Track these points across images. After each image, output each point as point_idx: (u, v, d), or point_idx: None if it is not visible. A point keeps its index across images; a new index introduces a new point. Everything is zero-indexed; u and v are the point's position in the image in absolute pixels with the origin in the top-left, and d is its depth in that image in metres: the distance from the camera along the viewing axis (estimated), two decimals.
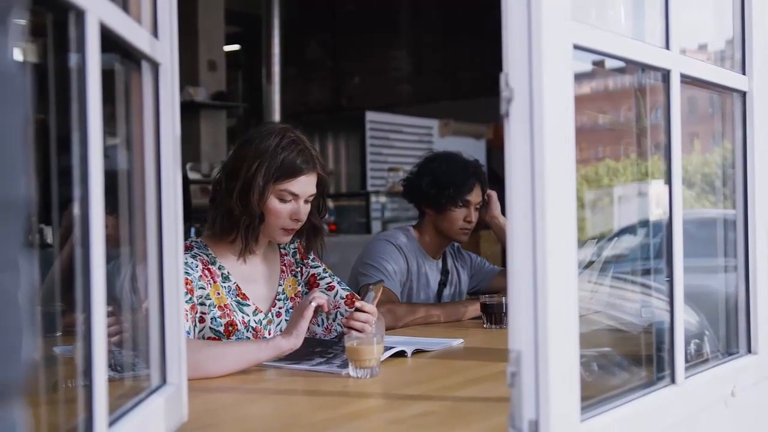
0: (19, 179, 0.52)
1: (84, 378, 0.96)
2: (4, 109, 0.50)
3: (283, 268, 2.25)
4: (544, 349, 1.09)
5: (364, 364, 1.77)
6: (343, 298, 2.24)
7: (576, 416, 1.15)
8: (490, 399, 1.59)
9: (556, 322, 1.10)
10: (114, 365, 1.24)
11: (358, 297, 2.24)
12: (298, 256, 2.29)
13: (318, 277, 2.27)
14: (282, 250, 2.27)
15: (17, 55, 0.54)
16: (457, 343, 2.24)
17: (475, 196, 2.88)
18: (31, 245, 0.54)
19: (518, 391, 1.11)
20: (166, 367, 1.30)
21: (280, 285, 2.22)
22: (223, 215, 2.08)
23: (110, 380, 1.00)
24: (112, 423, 1.03)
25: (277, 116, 7.51)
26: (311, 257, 2.30)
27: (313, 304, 1.87)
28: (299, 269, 2.28)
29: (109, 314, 1.33)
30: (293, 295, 2.24)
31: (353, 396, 1.66)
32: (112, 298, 1.08)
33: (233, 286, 2.11)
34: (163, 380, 1.30)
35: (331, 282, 2.27)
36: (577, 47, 1.17)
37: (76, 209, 0.94)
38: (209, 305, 2.04)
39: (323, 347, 2.05)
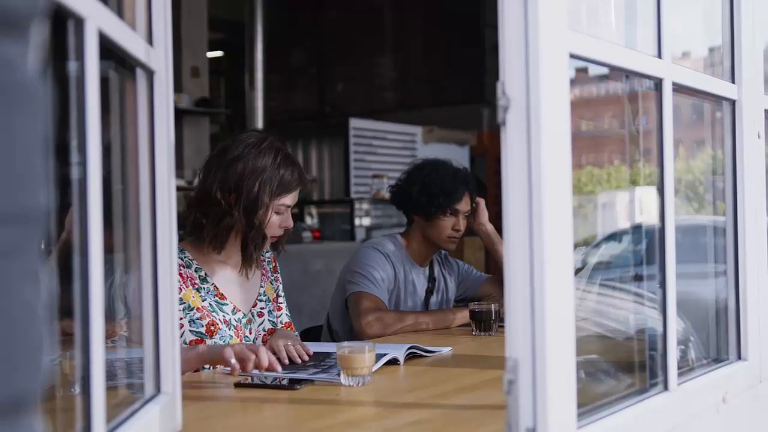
0: (40, 190, 0.51)
1: (77, 387, 0.95)
2: (26, 120, 0.50)
3: (263, 272, 2.34)
4: (542, 356, 1.09)
5: (356, 372, 1.76)
6: (283, 324, 2.35)
7: (573, 423, 1.15)
8: (483, 407, 1.59)
9: (554, 330, 1.10)
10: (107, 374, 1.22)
11: (292, 325, 2.37)
12: (270, 267, 2.38)
13: (278, 293, 2.38)
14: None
15: (37, 65, 0.54)
16: (446, 350, 2.24)
17: (464, 205, 2.87)
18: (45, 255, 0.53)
19: (515, 399, 1.10)
20: (160, 376, 1.29)
21: (262, 287, 2.31)
22: (224, 229, 2.13)
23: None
24: None
25: (260, 123, 7.49)
26: (278, 273, 2.41)
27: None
28: (273, 278, 2.38)
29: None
30: (271, 299, 2.34)
31: (346, 404, 1.66)
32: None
33: (211, 287, 2.17)
34: (158, 389, 1.29)
35: (281, 304, 2.39)
36: (573, 56, 1.17)
37: (75, 218, 0.93)
38: (184, 309, 2.08)
39: (317, 359, 2.04)
